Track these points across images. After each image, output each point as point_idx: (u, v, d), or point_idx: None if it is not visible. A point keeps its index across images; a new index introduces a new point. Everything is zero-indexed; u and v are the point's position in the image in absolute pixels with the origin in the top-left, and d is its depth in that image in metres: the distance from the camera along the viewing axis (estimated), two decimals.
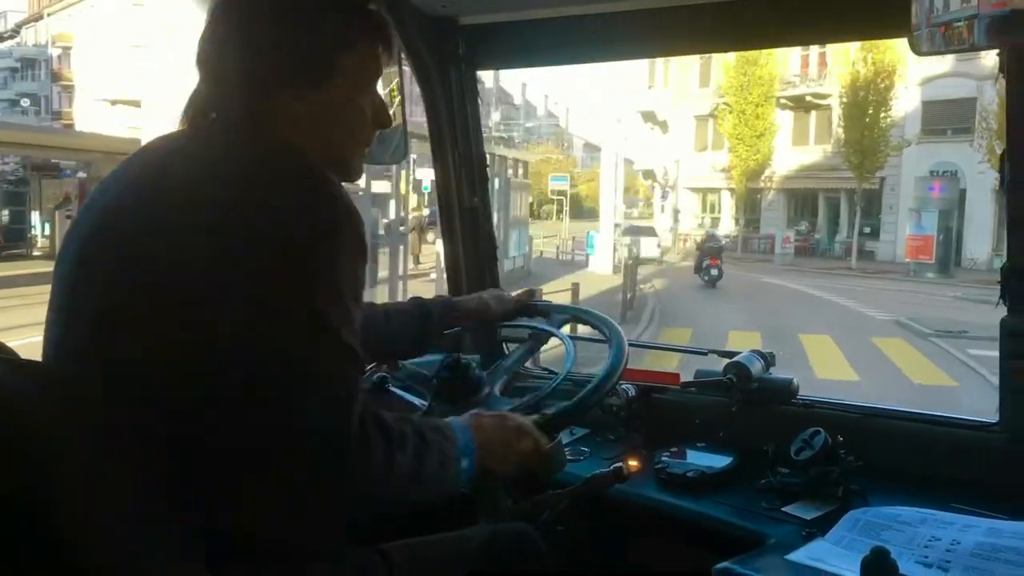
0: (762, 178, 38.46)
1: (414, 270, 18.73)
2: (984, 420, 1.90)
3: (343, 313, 1.25)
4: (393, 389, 2.01)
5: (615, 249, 26.44)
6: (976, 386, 10.80)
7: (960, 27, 1.51)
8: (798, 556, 1.56)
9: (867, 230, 35.19)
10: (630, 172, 45.81)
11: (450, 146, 2.58)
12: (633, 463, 1.96)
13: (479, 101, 2.62)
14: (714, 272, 24.33)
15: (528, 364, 2.39)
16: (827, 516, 1.73)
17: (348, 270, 1.27)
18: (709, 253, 24.68)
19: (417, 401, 1.93)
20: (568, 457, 1.84)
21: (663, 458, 2.03)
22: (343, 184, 1.40)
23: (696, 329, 15.22)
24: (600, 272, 25.20)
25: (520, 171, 25.58)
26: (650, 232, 34.63)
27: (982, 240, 30.62)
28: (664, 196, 44.46)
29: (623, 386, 2.21)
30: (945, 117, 32.33)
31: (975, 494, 1.72)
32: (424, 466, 1.36)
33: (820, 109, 37.25)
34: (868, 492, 1.78)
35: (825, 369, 11.35)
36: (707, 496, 1.89)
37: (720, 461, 2.00)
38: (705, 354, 2.30)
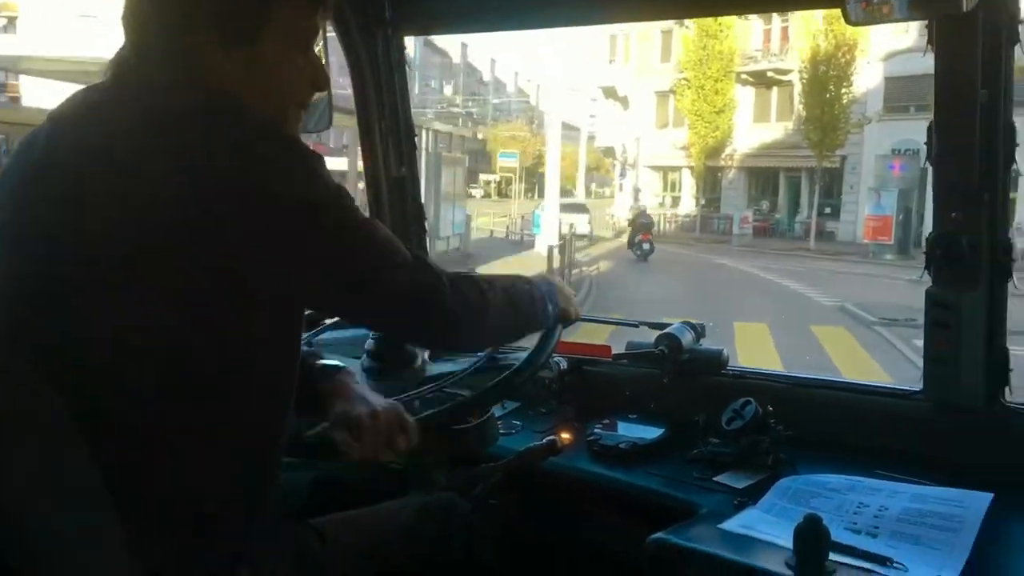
0: (723, 156, 37.46)
1: None
2: (909, 388, 1.93)
3: (381, 235, 1.32)
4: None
5: (561, 227, 26.08)
6: (912, 380, 10.72)
7: None
8: (731, 525, 1.57)
9: (828, 210, 34.51)
10: (592, 150, 45.09)
11: (376, 115, 2.50)
12: (565, 436, 1.94)
13: (408, 69, 2.55)
14: (646, 247, 25.45)
15: None
16: (758, 485, 1.74)
17: (351, 203, 1.29)
18: (641, 229, 25.88)
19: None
20: (500, 431, 1.82)
21: (595, 430, 2.02)
22: None
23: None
24: (545, 252, 24.61)
25: (473, 146, 25.01)
26: (583, 209, 34.38)
27: None
28: (623, 174, 43.67)
29: (555, 359, 2.19)
30: (908, 94, 30.47)
31: (900, 461, 1.75)
32: (517, 300, 1.56)
33: (782, 85, 36.11)
34: (797, 461, 1.80)
35: (750, 359, 10.92)
36: (639, 467, 1.89)
37: (652, 432, 1.99)
38: (636, 326, 2.30)
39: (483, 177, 66.64)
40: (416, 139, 2.61)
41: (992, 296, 1.74)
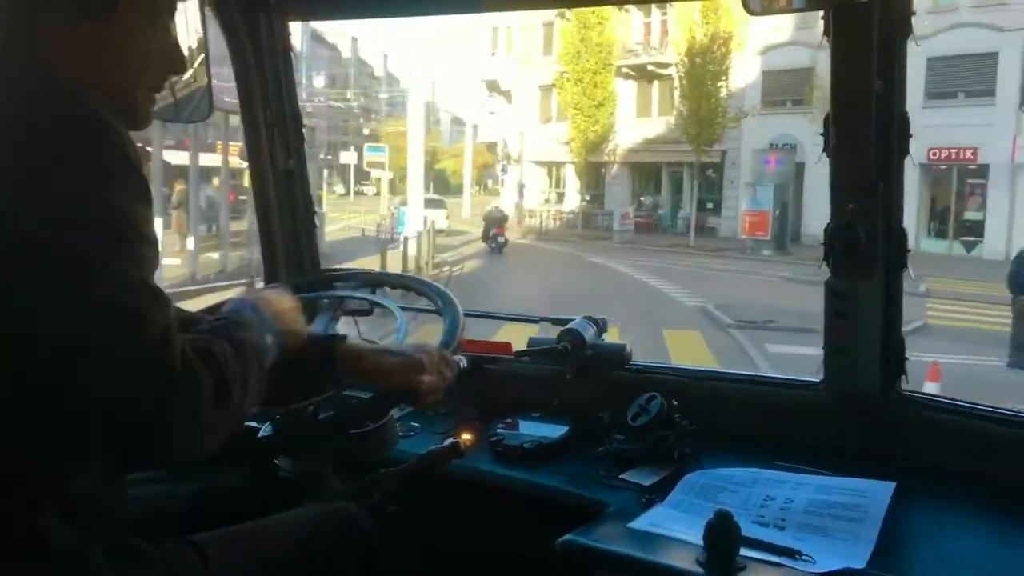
0: (606, 151, 36.13)
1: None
2: (809, 379, 1.95)
3: (133, 255, 1.12)
4: None
5: (425, 223, 25.63)
6: None
7: None
8: (640, 524, 1.54)
9: (710, 206, 34.00)
10: (477, 146, 44.27)
11: (260, 103, 2.37)
12: (467, 437, 1.88)
13: (293, 56, 2.43)
14: (500, 239, 26.01)
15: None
16: (664, 481, 1.72)
17: (124, 207, 1.13)
18: (494, 223, 26.37)
19: None
20: (399, 434, 1.74)
21: (498, 430, 1.97)
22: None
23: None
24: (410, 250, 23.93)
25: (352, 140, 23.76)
26: (440, 205, 34.13)
27: (823, 215, 29.78)
28: (504, 170, 42.42)
29: (455, 357, 2.12)
30: (784, 88, 30.85)
31: (803, 452, 1.76)
32: (253, 373, 1.25)
33: (662, 79, 35.04)
34: (702, 455, 1.79)
35: None
36: (544, 467, 1.85)
37: (556, 430, 1.95)
38: (537, 322, 2.25)
39: (375, 174, 66.25)
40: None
41: (888, 285, 1.77)
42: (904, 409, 1.80)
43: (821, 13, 1.71)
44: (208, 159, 19.11)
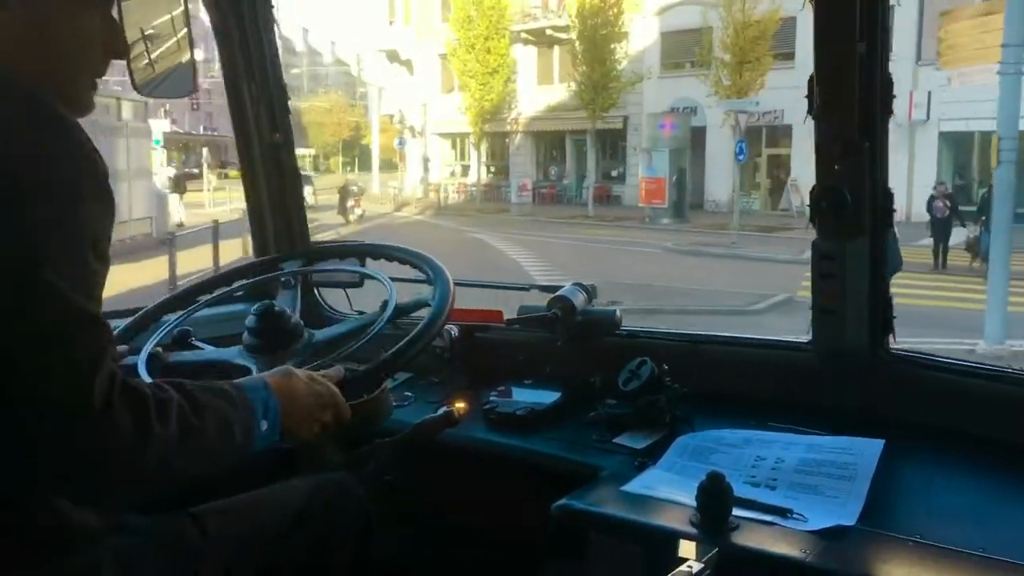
0: (508, 120, 34.23)
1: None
2: (797, 340, 1.96)
3: (79, 270, 1.07)
4: (197, 343, 1.84)
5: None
6: None
7: None
8: (633, 486, 1.55)
9: (615, 174, 32.91)
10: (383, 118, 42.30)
11: (245, 77, 2.36)
12: (460, 405, 1.89)
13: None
14: (358, 211, 25.81)
15: (346, 309, 2.26)
16: (656, 444, 1.74)
17: (86, 219, 1.08)
18: (348, 195, 26.31)
19: (226, 353, 1.77)
20: (393, 404, 1.75)
21: (491, 398, 1.98)
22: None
23: None
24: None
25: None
26: (308, 181, 33.14)
27: (724, 180, 27.52)
28: (401, 143, 38.85)
29: (446, 326, 2.12)
30: (683, 49, 29.07)
31: (793, 412, 1.78)
32: (197, 434, 1.18)
33: (562, 44, 32.95)
34: (694, 417, 1.80)
35: None
36: (538, 433, 1.86)
37: (548, 397, 1.97)
38: (527, 290, 2.26)
39: (298, 151, 64.79)
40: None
41: (875, 244, 1.77)
42: (892, 367, 1.82)
43: None
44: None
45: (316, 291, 2.49)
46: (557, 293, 2.11)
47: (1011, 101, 10.82)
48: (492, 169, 36.87)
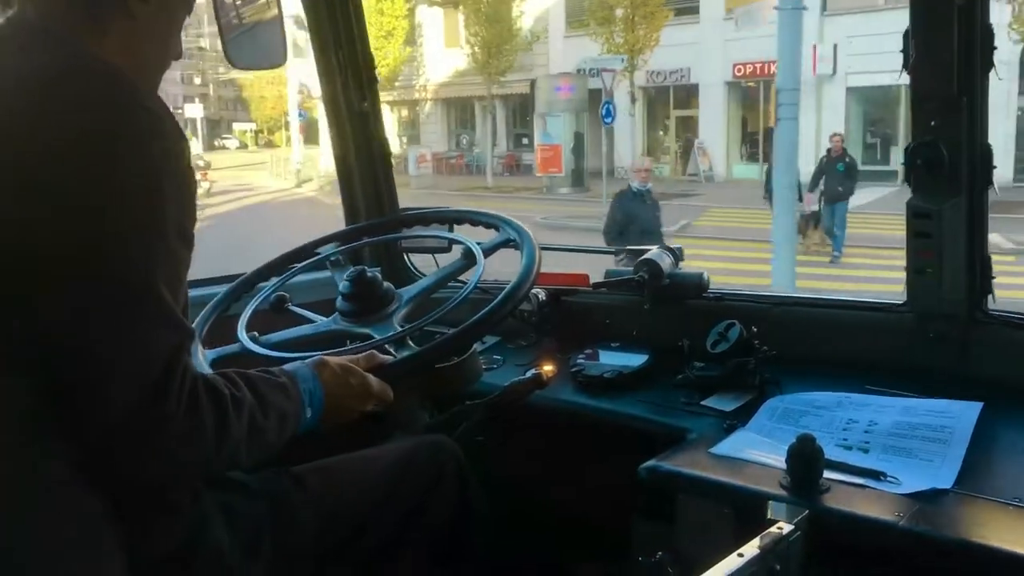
0: (416, 87, 32.49)
1: None
2: (892, 301, 1.92)
3: (160, 256, 1.08)
4: (293, 308, 1.90)
5: None
6: None
7: None
8: (722, 448, 1.56)
9: (525, 141, 30.35)
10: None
11: (333, 46, 2.40)
12: (548, 368, 1.91)
13: None
14: (205, 184, 23.57)
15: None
16: (746, 407, 1.73)
17: (172, 204, 1.09)
18: (195, 169, 25.34)
19: (319, 319, 1.83)
20: (483, 367, 1.79)
21: (578, 361, 2.00)
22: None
23: None
24: None
25: None
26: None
27: (631, 145, 25.16)
28: (302, 116, 35.81)
29: (533, 291, 2.15)
30: (589, 6, 25.98)
31: (886, 375, 1.75)
32: (262, 432, 1.23)
33: (468, 3, 29.41)
34: (783, 380, 1.79)
35: None
36: (625, 396, 1.88)
37: (635, 360, 1.97)
38: (615, 254, 2.26)
39: (238, 126, 62.08)
40: None
41: (972, 202, 1.72)
42: (990, 328, 1.76)
43: None
44: None
45: (405, 256, 2.55)
46: (644, 256, 2.11)
47: (790, 42, 9.05)
48: (404, 139, 34.30)
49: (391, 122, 33.21)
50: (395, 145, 33.61)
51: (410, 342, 1.67)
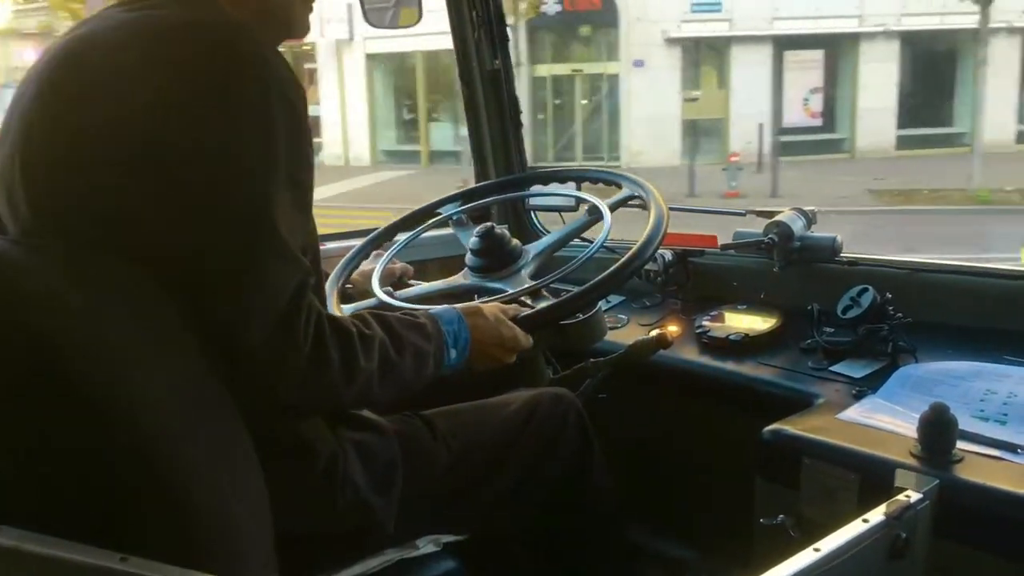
0: None
1: None
2: None
3: (283, 202, 1.11)
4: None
5: None
6: None
7: None
8: (850, 415, 1.53)
9: None
10: None
11: (467, 5, 2.43)
12: (673, 329, 1.91)
13: None
14: None
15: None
16: (876, 374, 1.69)
17: (288, 149, 1.11)
18: None
19: (452, 280, 1.87)
20: (607, 325, 1.80)
21: (703, 322, 1.99)
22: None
23: None
24: None
25: None
26: None
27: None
28: None
29: (659, 251, 2.14)
30: None
31: None
32: (396, 368, 1.27)
33: None
34: (916, 348, 1.73)
35: None
36: (750, 359, 1.86)
37: (762, 323, 1.95)
38: (743, 215, 2.22)
39: None
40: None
41: None
42: None
43: None
44: None
45: (532, 214, 2.58)
46: (775, 218, 2.07)
47: None
48: None
49: None
50: None
51: (546, 293, 1.70)
